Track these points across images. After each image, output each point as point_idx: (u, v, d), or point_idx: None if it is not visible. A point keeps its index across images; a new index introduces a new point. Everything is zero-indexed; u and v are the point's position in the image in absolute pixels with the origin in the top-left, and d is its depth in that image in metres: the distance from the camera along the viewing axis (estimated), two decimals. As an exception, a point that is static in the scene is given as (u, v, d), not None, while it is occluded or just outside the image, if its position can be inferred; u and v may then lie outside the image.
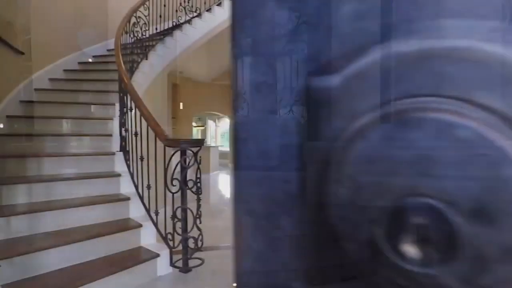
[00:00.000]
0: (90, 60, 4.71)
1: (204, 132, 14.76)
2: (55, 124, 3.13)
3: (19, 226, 2.06)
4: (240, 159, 0.49)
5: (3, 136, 2.72)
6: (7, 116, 2.94)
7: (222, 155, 12.63)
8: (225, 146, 16.96)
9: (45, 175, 2.59)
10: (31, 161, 2.57)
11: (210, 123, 15.63)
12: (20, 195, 2.29)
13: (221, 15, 5.39)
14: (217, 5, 5.44)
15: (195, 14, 5.08)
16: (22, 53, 3.41)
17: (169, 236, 2.28)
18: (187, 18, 4.99)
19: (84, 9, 4.71)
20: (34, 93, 3.53)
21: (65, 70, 4.21)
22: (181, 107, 10.23)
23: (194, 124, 11.78)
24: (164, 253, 2.27)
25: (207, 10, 5.29)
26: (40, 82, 3.73)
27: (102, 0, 5.02)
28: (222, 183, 8.90)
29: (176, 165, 2.15)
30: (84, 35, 4.70)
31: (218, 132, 16.20)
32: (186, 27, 4.85)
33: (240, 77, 0.50)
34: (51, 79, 3.91)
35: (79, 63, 4.51)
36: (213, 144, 15.49)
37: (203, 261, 2.24)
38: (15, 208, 2.16)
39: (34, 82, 3.61)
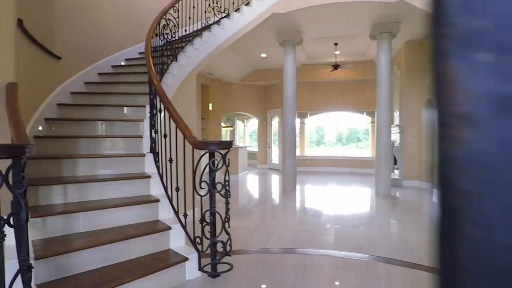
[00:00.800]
0: (122, 63, 4.84)
1: (232, 133, 14.83)
2: (89, 126, 3.21)
3: (54, 226, 2.11)
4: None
5: (42, 138, 2.82)
6: (45, 119, 3.06)
7: (250, 155, 12.63)
8: (253, 146, 16.97)
9: (79, 176, 2.66)
10: (66, 162, 2.65)
11: (238, 123, 15.68)
12: (56, 195, 2.35)
13: (250, 15, 5.35)
14: (246, 4, 5.41)
15: (223, 14, 5.08)
16: (59, 58, 3.55)
17: (198, 240, 2.25)
18: (216, 19, 4.99)
19: (117, 14, 4.84)
20: (70, 96, 3.66)
21: (99, 74, 4.35)
22: (210, 108, 10.33)
23: (222, 124, 11.87)
24: (193, 256, 2.24)
25: (235, 10, 5.26)
26: (76, 85, 3.87)
27: (133, 5, 5.14)
28: (251, 184, 8.87)
29: (205, 168, 2.11)
30: (117, 39, 4.84)
31: (246, 132, 16.22)
32: (215, 28, 4.85)
33: (460, 88, 0.28)
34: (86, 82, 4.04)
35: (112, 66, 4.64)
36: (241, 145, 15.55)
37: (231, 266, 2.18)
38: (51, 208, 2.22)
39: (70, 85, 3.75)
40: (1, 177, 1.26)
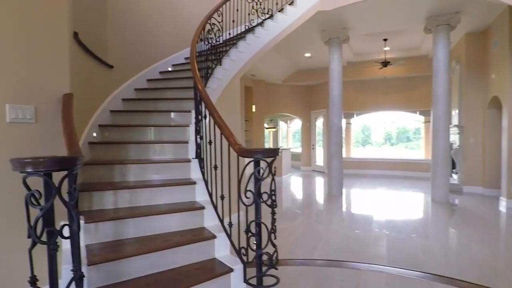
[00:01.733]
0: (169, 69, 4.98)
1: (275, 134, 14.74)
2: (139, 131, 3.31)
3: (106, 231, 2.17)
4: None
5: (96, 144, 2.96)
6: (99, 125, 3.21)
7: (294, 156, 12.44)
8: (296, 146, 16.72)
9: (130, 181, 2.74)
10: (117, 168, 2.74)
11: (281, 124, 15.55)
12: (108, 200, 2.43)
13: (294, 14, 5.21)
14: (289, 4, 5.28)
15: (267, 16, 5.00)
16: (112, 67, 3.73)
17: (243, 251, 2.18)
18: (259, 20, 4.93)
19: (163, 21, 4.99)
20: (122, 102, 3.82)
21: (148, 80, 4.51)
22: (253, 110, 10.33)
23: (265, 125, 11.82)
24: (238, 268, 2.17)
25: (279, 11, 5.16)
26: (127, 92, 4.04)
27: (179, 12, 5.27)
28: (294, 186, 8.69)
29: (250, 176, 2.03)
30: (164, 46, 4.99)
31: (289, 133, 16.03)
32: (258, 29, 4.79)
33: None
34: (136, 89, 4.20)
35: (160, 72, 4.79)
36: (284, 146, 15.40)
37: (278, 280, 2.08)
38: (103, 213, 2.29)
39: (121, 92, 3.92)
40: (54, 189, 1.28)
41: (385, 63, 8.12)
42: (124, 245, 2.12)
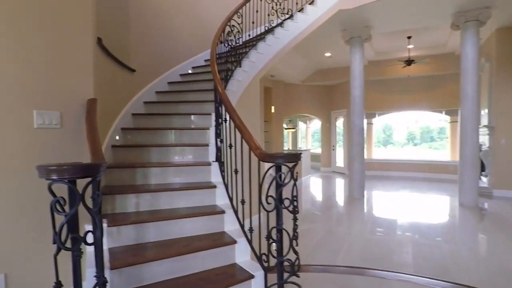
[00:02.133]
0: (190, 71, 5.01)
1: (295, 135, 14.62)
2: (160, 134, 3.34)
3: (128, 235, 2.19)
4: None
5: (118, 147, 3.00)
6: (122, 129, 3.26)
7: (313, 157, 12.29)
8: (315, 146, 16.51)
9: (151, 184, 2.76)
10: (139, 171, 2.77)
11: (300, 124, 15.41)
12: (130, 204, 2.46)
13: (314, 14, 5.13)
14: (310, 3, 5.20)
15: (286, 16, 4.94)
16: (134, 71, 3.79)
17: (264, 257, 2.14)
18: (279, 21, 4.88)
19: (183, 24, 5.03)
20: (143, 105, 3.87)
21: (169, 83, 4.56)
22: (272, 111, 10.28)
23: (284, 126, 11.73)
24: (259, 274, 2.14)
25: (299, 11, 5.09)
26: (148, 95, 4.09)
27: (198, 14, 5.30)
28: (314, 188, 8.57)
29: (271, 182, 1.99)
30: (184, 49, 5.03)
31: (308, 133, 15.86)
32: (278, 30, 4.74)
33: None
34: (157, 92, 4.26)
35: (181, 75, 4.83)
36: (303, 146, 15.25)
37: (299, 287, 2.02)
38: (125, 217, 2.32)
39: (143, 95, 3.98)
40: (78, 197, 1.29)
41: (409, 62, 7.86)
42: (146, 249, 2.14)
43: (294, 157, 2.01)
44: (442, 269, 3.05)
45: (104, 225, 2.10)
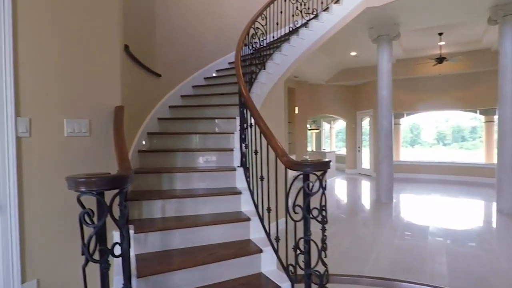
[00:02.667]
0: (214, 74, 5.02)
1: (318, 136, 14.38)
2: (185, 138, 3.35)
3: (154, 241, 2.20)
4: None
5: (145, 152, 3.03)
6: (148, 133, 3.29)
7: (338, 158, 12.03)
8: (339, 146, 16.16)
9: (176, 189, 2.76)
10: (165, 176, 2.78)
11: (324, 124, 15.15)
12: (156, 209, 2.47)
13: (340, 13, 4.99)
14: (335, 2, 5.06)
15: (311, 16, 4.83)
16: (160, 75, 3.83)
17: (291, 268, 2.07)
18: (304, 21, 4.78)
19: (208, 27, 5.04)
20: (169, 110, 3.91)
21: (193, 86, 4.58)
22: (296, 112, 10.16)
23: (308, 126, 11.55)
24: (285, 286, 2.07)
25: (324, 10, 4.97)
26: (174, 99, 4.13)
27: (222, 16, 5.30)
28: (339, 191, 8.37)
29: (299, 191, 1.92)
30: (208, 52, 5.04)
31: (333, 134, 15.56)
32: (303, 31, 4.64)
33: None
34: (182, 96, 4.29)
35: (205, 78, 4.85)
36: (327, 147, 14.98)
37: (328, 301, 1.94)
38: (152, 223, 2.33)
39: (168, 99, 4.01)
40: (106, 209, 1.29)
41: (441, 59, 7.49)
42: (171, 256, 2.13)
43: (323, 165, 1.93)
44: (481, 282, 2.85)
45: (131, 231, 2.11)
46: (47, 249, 1.81)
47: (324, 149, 13.71)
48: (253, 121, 2.57)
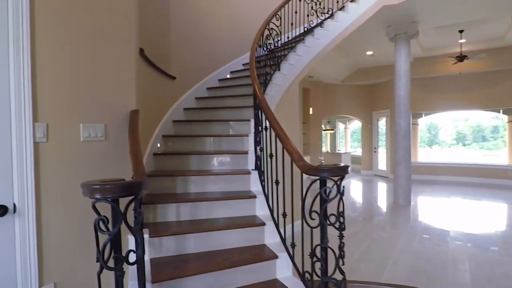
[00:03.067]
0: (228, 76, 5.00)
1: (333, 136, 14.20)
2: (199, 141, 3.34)
3: (168, 246, 2.19)
4: None
5: (160, 155, 3.04)
6: (163, 136, 3.30)
7: (353, 159, 11.84)
8: (353, 146, 15.90)
9: (191, 192, 2.75)
10: (179, 179, 2.78)
11: (339, 124, 14.95)
12: (170, 213, 2.46)
13: (356, 12, 4.88)
14: (351, 1, 4.95)
15: (327, 15, 4.74)
16: (174, 78, 3.83)
17: (307, 275, 2.02)
18: (319, 21, 4.70)
19: (222, 29, 5.03)
20: (183, 112, 3.91)
21: (207, 88, 4.57)
22: (310, 112, 10.05)
23: (322, 127, 11.41)
24: (302, 293, 2.02)
25: (340, 9, 4.87)
26: (188, 101, 4.13)
27: (236, 17, 5.27)
28: (355, 193, 8.22)
29: (316, 196, 1.87)
30: (223, 53, 5.03)
31: (347, 134, 15.33)
32: (318, 30, 4.56)
33: None
34: (197, 98, 4.29)
35: (219, 80, 4.84)
36: (342, 147, 14.78)
37: (346, 310, 1.88)
38: (166, 226, 2.32)
39: (183, 102, 4.02)
40: (121, 216, 1.27)
41: (461, 57, 7.24)
42: (186, 261, 2.11)
43: (341, 170, 1.87)
44: (507, 292, 2.72)
45: (146, 235, 2.11)
46: (63, 253, 1.82)
47: (339, 150, 13.52)
48: (268, 123, 2.53)
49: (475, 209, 6.10)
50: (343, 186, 1.89)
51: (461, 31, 6.93)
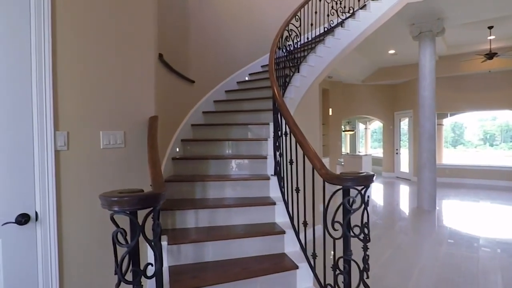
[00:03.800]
0: (246, 78, 4.96)
1: (353, 137, 13.90)
2: (217, 145, 3.32)
3: (186, 253, 2.16)
4: None
5: (178, 160, 3.03)
6: (182, 140, 3.30)
7: (374, 161, 11.55)
8: (374, 146, 15.52)
9: (209, 198, 2.72)
10: (198, 184, 2.75)
11: (359, 125, 14.63)
12: (189, 219, 2.44)
13: (378, 10, 4.71)
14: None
15: (347, 15, 4.61)
16: (193, 82, 3.83)
17: (329, 288, 1.94)
18: (339, 20, 4.57)
19: (240, 31, 4.99)
20: (202, 115, 3.90)
21: (226, 91, 4.55)
22: (330, 113, 9.88)
23: (342, 128, 11.19)
24: (324, 306, 1.94)
25: (361, 8, 4.72)
26: (207, 105, 4.12)
27: (254, 19, 5.22)
28: (376, 196, 7.99)
29: (339, 207, 1.78)
30: (241, 56, 4.99)
31: (368, 135, 14.98)
32: (339, 30, 4.44)
33: None
34: (215, 101, 4.27)
35: (238, 82, 4.80)
36: (362, 148, 14.46)
37: (371, 326, 1.78)
38: (185, 233, 2.30)
39: (202, 105, 4.01)
40: (139, 229, 1.25)
41: (491, 55, 6.89)
42: (204, 270, 2.08)
43: (366, 179, 1.77)
44: (546, 309, 2.53)
45: (165, 243, 2.09)
46: (83, 262, 1.83)
47: (359, 152, 13.23)
48: (287, 129, 2.47)
49: (506, 214, 5.78)
50: (368, 196, 1.80)
51: (490, 27, 6.59)
